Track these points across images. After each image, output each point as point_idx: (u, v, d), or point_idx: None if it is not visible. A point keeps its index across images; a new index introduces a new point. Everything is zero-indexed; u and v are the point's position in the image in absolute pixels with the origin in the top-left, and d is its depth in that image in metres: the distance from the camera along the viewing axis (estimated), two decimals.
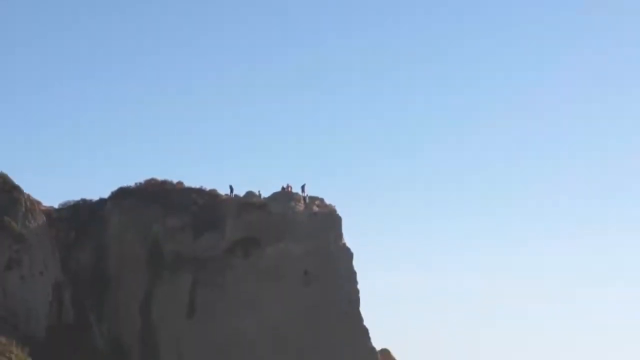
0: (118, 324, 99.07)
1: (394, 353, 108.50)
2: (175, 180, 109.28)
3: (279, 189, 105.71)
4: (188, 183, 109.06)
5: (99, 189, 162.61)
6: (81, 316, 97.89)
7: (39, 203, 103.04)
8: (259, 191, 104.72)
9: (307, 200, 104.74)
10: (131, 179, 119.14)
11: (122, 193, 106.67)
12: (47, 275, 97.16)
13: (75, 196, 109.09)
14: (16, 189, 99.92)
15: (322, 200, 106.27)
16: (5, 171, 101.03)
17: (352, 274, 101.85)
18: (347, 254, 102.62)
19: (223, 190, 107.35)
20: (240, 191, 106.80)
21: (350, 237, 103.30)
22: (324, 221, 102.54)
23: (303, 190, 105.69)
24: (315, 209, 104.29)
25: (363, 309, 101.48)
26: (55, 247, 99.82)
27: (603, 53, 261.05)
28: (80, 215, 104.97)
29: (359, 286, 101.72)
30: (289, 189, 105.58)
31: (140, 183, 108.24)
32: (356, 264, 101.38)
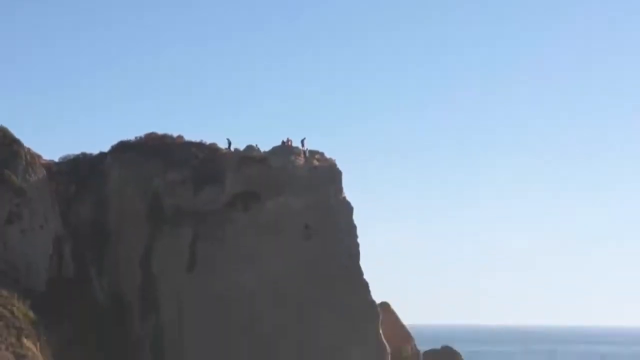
0: (118, 277, 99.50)
1: (393, 306, 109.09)
2: (175, 135, 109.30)
3: (279, 143, 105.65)
4: (188, 137, 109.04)
5: (99, 143, 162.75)
6: (81, 270, 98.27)
7: (39, 157, 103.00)
8: (256, 145, 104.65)
9: (307, 154, 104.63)
10: (131, 133, 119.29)
11: (122, 147, 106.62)
12: (47, 229, 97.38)
13: (75, 150, 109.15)
14: (16, 142, 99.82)
15: (322, 154, 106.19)
16: (5, 125, 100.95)
17: (352, 228, 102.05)
18: (347, 208, 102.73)
19: (223, 144, 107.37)
20: (240, 145, 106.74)
21: (350, 192, 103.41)
22: (324, 175, 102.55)
23: (303, 144, 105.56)
24: (315, 163, 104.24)
25: (363, 264, 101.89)
26: (55, 200, 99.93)
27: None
28: (80, 169, 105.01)
29: (359, 240, 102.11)
30: (289, 143, 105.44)
31: (140, 137, 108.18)
32: (356, 218, 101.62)
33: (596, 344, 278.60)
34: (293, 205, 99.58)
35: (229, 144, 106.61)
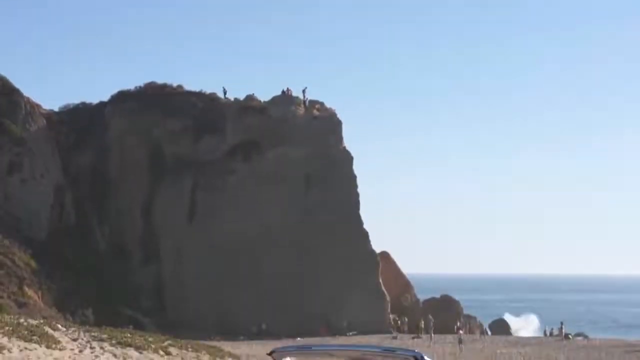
0: (119, 227, 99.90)
1: (393, 256, 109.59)
2: (175, 84, 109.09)
3: (279, 92, 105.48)
4: (188, 87, 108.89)
5: (98, 93, 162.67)
6: (82, 219, 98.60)
7: (38, 106, 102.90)
8: (253, 94, 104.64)
9: (308, 104, 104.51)
10: (131, 83, 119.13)
11: (122, 97, 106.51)
12: (48, 178, 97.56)
13: (74, 99, 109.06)
14: (16, 91, 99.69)
15: (322, 104, 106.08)
16: (4, 74, 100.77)
17: (352, 178, 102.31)
18: (348, 158, 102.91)
19: (222, 94, 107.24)
20: (240, 95, 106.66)
21: (350, 142, 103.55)
22: (324, 125, 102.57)
23: (303, 94, 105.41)
24: (316, 112, 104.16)
25: (363, 213, 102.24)
26: (55, 150, 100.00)
27: None
28: (80, 119, 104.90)
29: (359, 190, 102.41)
30: (289, 92, 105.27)
31: (140, 87, 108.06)
32: (356, 168, 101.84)
33: (596, 292, 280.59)
34: (293, 155, 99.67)
35: (225, 92, 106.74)
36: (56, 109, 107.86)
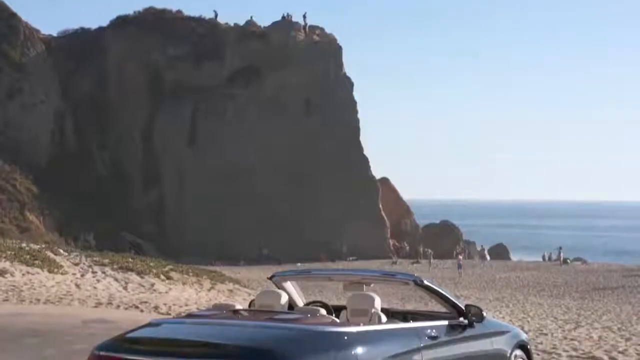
0: (119, 152, 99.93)
1: (393, 181, 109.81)
2: (174, 9, 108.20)
3: (279, 18, 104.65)
4: (187, 12, 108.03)
5: (97, 18, 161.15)
6: (83, 144, 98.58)
7: (37, 31, 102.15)
8: (252, 17, 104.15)
9: (308, 30, 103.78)
10: (130, 8, 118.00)
11: (121, 22, 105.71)
12: (48, 103, 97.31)
13: (73, 24, 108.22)
14: (14, 16, 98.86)
15: (322, 29, 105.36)
16: None
17: (353, 103, 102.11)
18: (348, 84, 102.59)
19: (222, 19, 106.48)
20: (240, 20, 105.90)
21: (350, 68, 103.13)
22: (325, 50, 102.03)
23: (304, 20, 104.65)
24: (316, 38, 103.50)
25: (363, 139, 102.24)
26: (55, 75, 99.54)
27: None
28: (79, 44, 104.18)
29: (359, 116, 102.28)
30: (289, 18, 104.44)
31: (139, 12, 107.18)
32: (357, 94, 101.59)
33: (594, 217, 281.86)
34: (293, 80, 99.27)
35: (215, 15, 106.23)
36: (55, 34, 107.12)
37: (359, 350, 7.22)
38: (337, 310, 9.06)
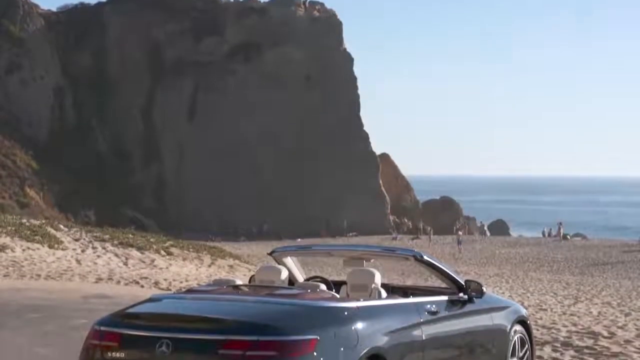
0: (119, 127, 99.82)
1: (393, 157, 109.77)
2: None
3: None
4: None
5: None
6: (82, 120, 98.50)
7: (36, 6, 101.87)
8: None
9: (308, 5, 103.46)
10: None
11: None
12: (47, 79, 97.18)
13: (73, 0, 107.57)
14: None
15: (322, 4, 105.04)
16: None
17: (353, 79, 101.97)
18: (348, 59, 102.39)
19: None
20: None
21: (350, 44, 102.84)
22: (325, 26, 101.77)
23: None
24: (316, 13, 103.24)
25: (363, 115, 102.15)
26: (54, 51, 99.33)
27: None
28: (79, 20, 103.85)
29: (359, 92, 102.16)
30: None
31: None
32: (357, 70, 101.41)
33: (596, 193, 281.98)
34: (293, 56, 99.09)
35: None
36: (54, 10, 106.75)
37: (359, 325, 7.23)
38: (337, 285, 9.07)
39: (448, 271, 9.07)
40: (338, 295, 8.04)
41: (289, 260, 9.63)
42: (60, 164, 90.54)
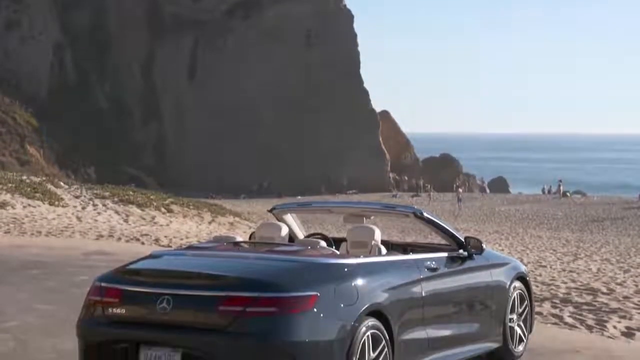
0: (119, 85, 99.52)
1: (393, 115, 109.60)
2: None
3: None
4: None
5: None
6: (82, 77, 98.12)
7: None
8: None
9: None
10: None
11: None
12: (47, 36, 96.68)
13: None
14: None
15: None
16: None
17: (353, 36, 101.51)
18: (348, 16, 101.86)
19: None
20: None
21: (351, 0, 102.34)
22: None
23: None
24: None
25: (364, 72, 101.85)
26: (53, 8, 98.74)
27: None
28: None
29: (359, 48, 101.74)
30: None
31: None
32: (357, 27, 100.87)
33: (597, 151, 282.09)
34: (294, 12, 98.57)
35: None
36: None
37: (359, 281, 7.25)
38: (337, 242, 9.09)
39: (448, 228, 9.08)
40: (338, 252, 8.06)
41: (289, 217, 9.64)
42: (60, 121, 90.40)
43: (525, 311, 9.75)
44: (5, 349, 9.38)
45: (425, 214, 8.88)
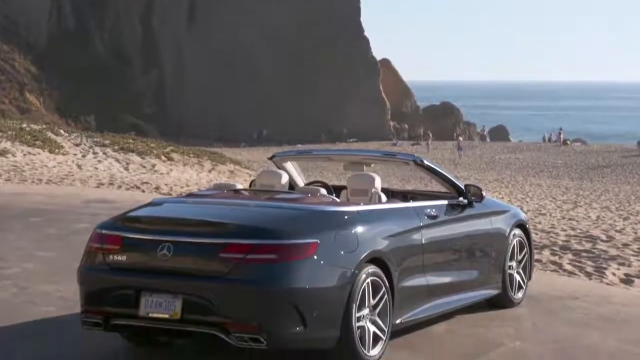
0: (118, 33, 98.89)
1: (394, 63, 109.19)
2: None
3: None
4: None
5: None
6: (81, 24, 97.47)
7: None
8: None
9: None
10: None
11: None
12: None
13: None
14: None
15: None
16: None
17: None
18: None
19: None
20: None
21: None
22: None
23: None
24: None
25: (364, 20, 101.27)
26: None
27: None
28: None
29: None
30: None
31: None
32: None
33: (598, 99, 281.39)
34: None
35: None
36: None
37: (359, 229, 7.27)
38: (337, 190, 9.10)
39: (448, 175, 9.09)
40: (338, 200, 8.07)
41: (289, 165, 9.64)
42: (59, 69, 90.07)
43: (525, 258, 9.80)
44: (6, 295, 9.45)
45: (425, 162, 8.88)
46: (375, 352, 7.27)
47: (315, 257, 6.83)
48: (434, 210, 8.42)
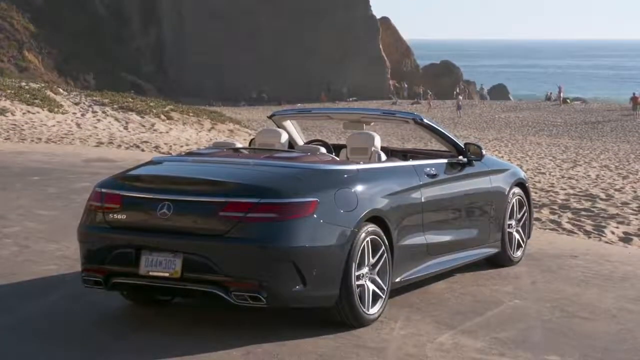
0: None
1: (393, 21, 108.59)
2: None
3: None
4: None
5: None
6: None
7: None
8: None
9: None
10: None
11: None
12: None
13: None
14: None
15: None
16: None
17: None
18: None
19: None
20: None
21: None
22: None
23: None
24: None
25: None
26: None
27: None
28: None
29: None
30: None
31: None
32: None
33: (599, 57, 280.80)
34: None
35: None
36: None
37: (359, 187, 7.29)
38: (337, 149, 9.11)
39: (447, 134, 9.09)
40: (338, 158, 8.08)
41: (289, 124, 9.65)
42: (58, 27, 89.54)
43: (524, 217, 9.83)
44: (7, 252, 9.49)
45: (425, 120, 8.88)
46: (374, 310, 7.32)
47: (315, 215, 6.85)
48: (433, 169, 8.43)
